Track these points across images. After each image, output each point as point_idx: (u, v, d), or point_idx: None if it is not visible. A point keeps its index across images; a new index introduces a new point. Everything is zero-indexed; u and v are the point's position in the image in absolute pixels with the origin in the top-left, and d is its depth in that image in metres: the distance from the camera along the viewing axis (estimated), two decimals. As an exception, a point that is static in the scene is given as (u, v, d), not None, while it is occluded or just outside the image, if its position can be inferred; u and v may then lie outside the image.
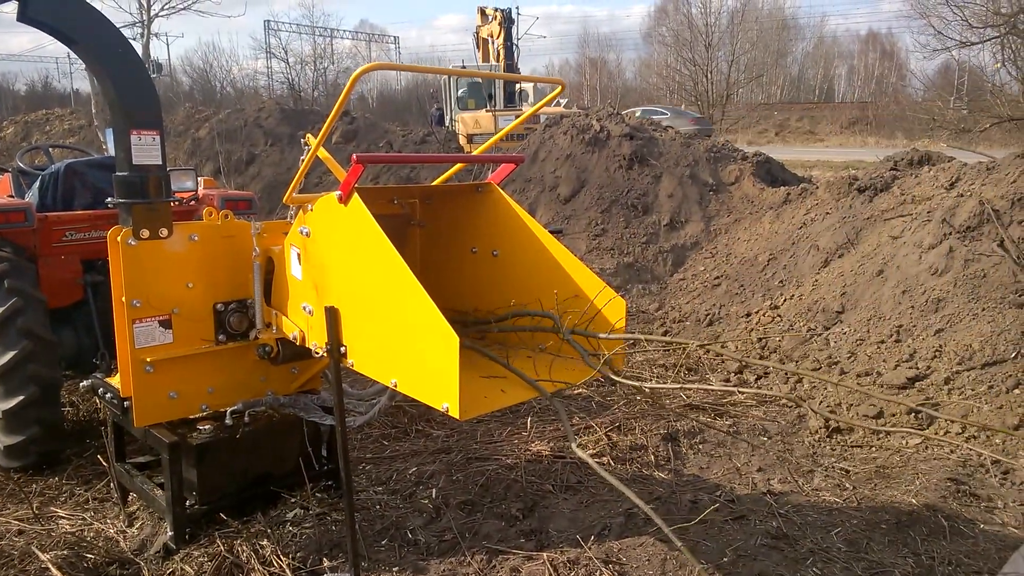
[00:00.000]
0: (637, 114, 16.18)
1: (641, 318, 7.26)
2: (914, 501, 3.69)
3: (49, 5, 2.84)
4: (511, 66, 22.01)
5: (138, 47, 17.03)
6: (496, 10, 22.40)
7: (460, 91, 21.21)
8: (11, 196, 4.71)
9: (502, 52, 22.02)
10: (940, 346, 4.93)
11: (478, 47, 23.41)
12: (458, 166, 3.58)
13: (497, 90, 20.61)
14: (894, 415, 4.56)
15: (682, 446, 4.42)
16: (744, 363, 5.70)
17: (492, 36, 22.40)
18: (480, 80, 20.37)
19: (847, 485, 3.91)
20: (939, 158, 7.82)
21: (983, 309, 5.05)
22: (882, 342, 5.24)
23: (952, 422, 4.45)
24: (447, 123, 19.57)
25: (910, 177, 7.38)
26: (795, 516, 3.55)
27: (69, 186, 4.42)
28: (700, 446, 4.44)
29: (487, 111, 19.05)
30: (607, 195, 9.50)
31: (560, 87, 3.21)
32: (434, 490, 3.78)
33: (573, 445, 2.13)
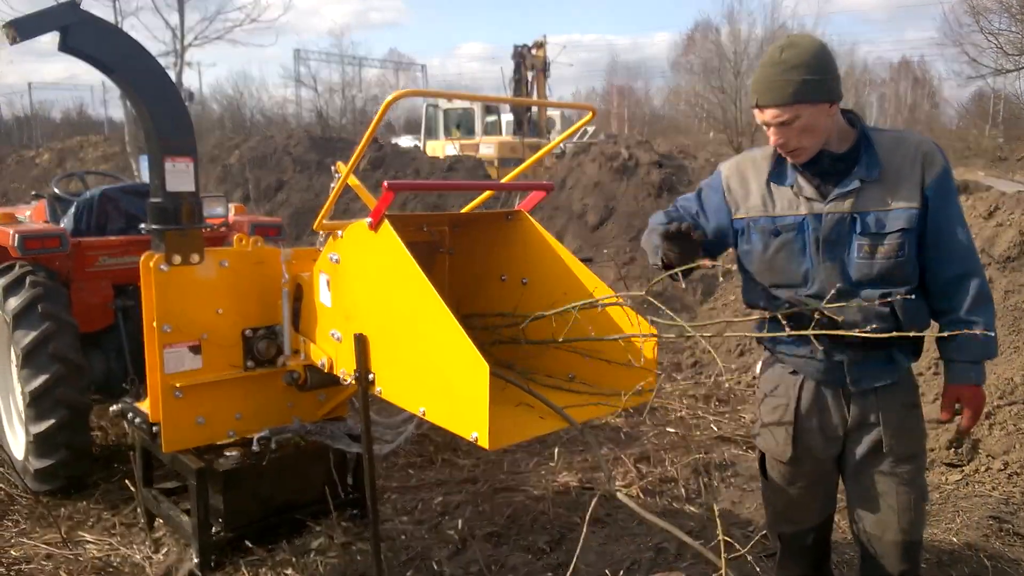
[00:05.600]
0: None
1: (670, 347, 7.17)
2: (955, 540, 3.56)
3: (89, 35, 2.90)
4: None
5: (172, 76, 17.39)
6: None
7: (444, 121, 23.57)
8: (47, 222, 4.79)
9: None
10: (980, 379, 4.80)
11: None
12: (487, 194, 3.57)
13: (476, 120, 22.77)
14: (932, 449, 4.43)
15: (713, 479, 4.32)
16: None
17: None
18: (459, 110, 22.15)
19: (885, 522, 3.78)
20: (976, 187, 7.67)
21: (1024, 341, 4.92)
22: (920, 374, 5.10)
23: (993, 458, 4.32)
24: (421, 148, 20.67)
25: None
26: (831, 554, 3.42)
27: (103, 212, 4.49)
28: (732, 479, 4.33)
29: (447, 139, 20.86)
30: (636, 223, 9.46)
31: (591, 114, 3.16)
32: (460, 521, 3.72)
33: (614, 488, 2.05)
